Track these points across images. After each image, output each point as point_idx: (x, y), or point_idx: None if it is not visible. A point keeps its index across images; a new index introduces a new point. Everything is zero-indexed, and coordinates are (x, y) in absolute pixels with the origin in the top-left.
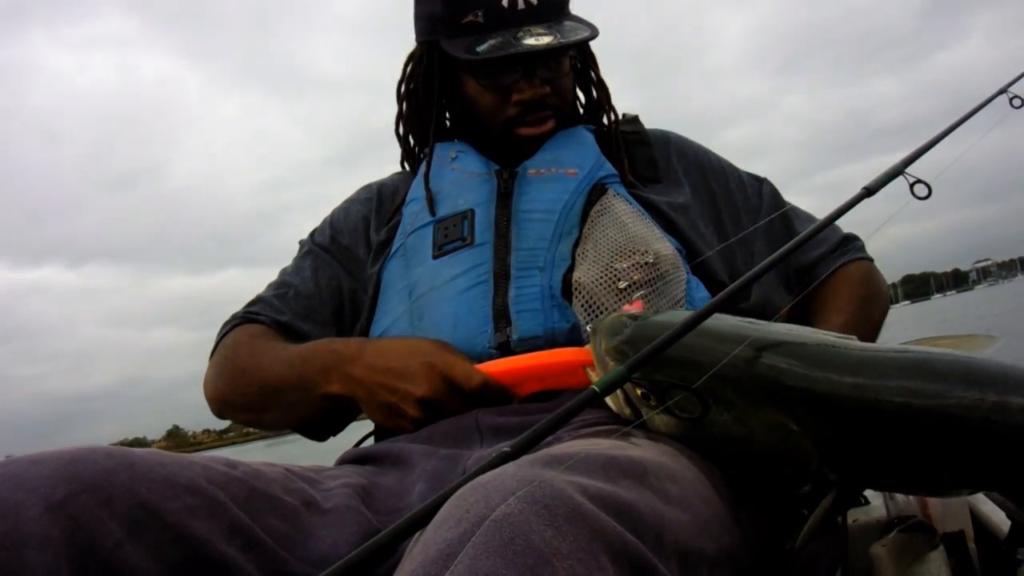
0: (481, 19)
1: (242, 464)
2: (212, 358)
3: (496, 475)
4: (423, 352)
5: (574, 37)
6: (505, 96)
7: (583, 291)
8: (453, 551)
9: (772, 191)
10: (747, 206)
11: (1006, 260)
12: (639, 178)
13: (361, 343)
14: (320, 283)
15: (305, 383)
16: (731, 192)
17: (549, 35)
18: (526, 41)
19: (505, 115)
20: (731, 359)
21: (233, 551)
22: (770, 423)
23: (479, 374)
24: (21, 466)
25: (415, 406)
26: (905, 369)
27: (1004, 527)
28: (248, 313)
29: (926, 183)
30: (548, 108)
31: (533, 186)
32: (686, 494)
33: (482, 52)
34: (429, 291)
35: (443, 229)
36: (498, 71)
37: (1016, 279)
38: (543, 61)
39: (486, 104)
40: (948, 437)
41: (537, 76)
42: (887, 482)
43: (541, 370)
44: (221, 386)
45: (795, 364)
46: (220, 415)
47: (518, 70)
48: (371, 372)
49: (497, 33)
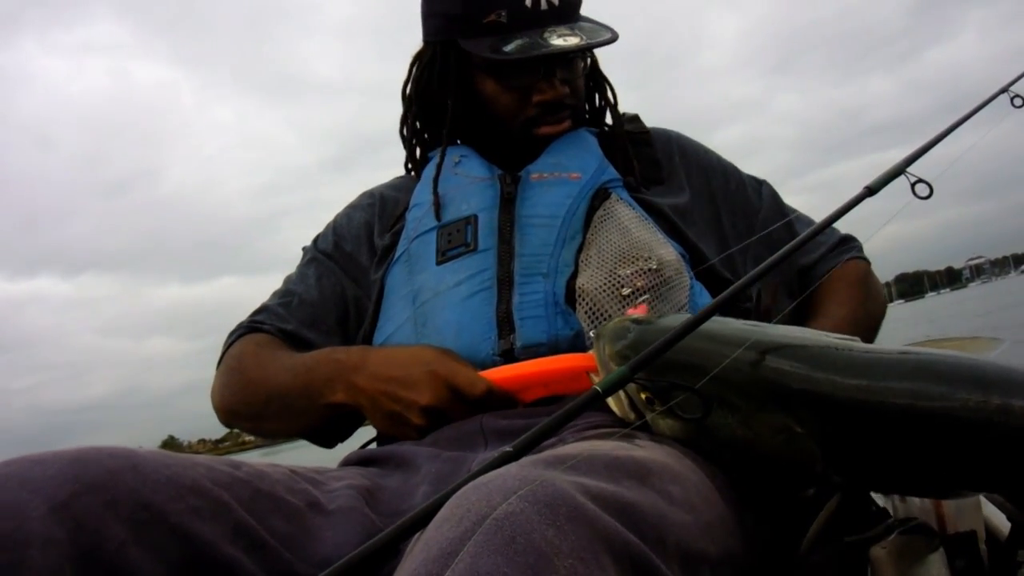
0: (504, 19)
1: (246, 465)
2: (219, 368)
3: (498, 475)
4: (426, 360)
5: (598, 38)
6: (525, 96)
7: (587, 298)
8: (454, 550)
9: (772, 193)
10: (747, 208)
11: (999, 257)
12: (643, 179)
13: (364, 351)
14: (324, 291)
15: (310, 393)
16: (731, 193)
17: (575, 36)
18: (553, 41)
19: (525, 115)
20: (735, 363)
21: (237, 552)
22: (774, 426)
23: (483, 381)
24: (25, 466)
25: (419, 415)
26: (909, 372)
27: (1005, 529)
28: (253, 322)
29: (927, 182)
30: (566, 109)
31: (536, 190)
32: (689, 496)
33: (510, 52)
34: (433, 298)
35: (446, 235)
36: (521, 71)
37: (1010, 276)
38: (562, 62)
39: (505, 104)
40: (951, 440)
41: (557, 77)
42: (890, 484)
43: (545, 376)
44: (228, 396)
45: (799, 367)
46: (228, 424)
47: (539, 71)
48: (375, 381)
49: (523, 33)
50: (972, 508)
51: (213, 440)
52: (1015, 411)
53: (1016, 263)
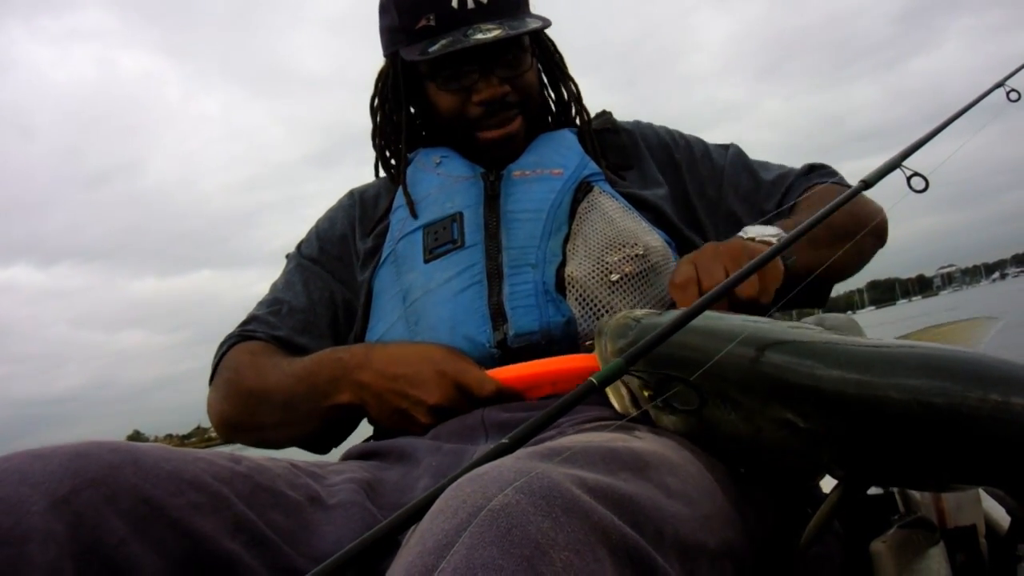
0: (433, 22)
1: (246, 459)
2: (213, 381)
3: (494, 466)
4: (434, 359)
5: (523, 28)
6: (465, 97)
7: (576, 285)
8: (450, 541)
9: (737, 152)
10: (712, 173)
11: (969, 266)
12: (612, 166)
13: (367, 348)
14: (313, 296)
15: (314, 395)
16: (696, 162)
17: (498, 29)
18: (475, 36)
19: (467, 116)
20: (736, 359)
21: (237, 547)
22: (777, 420)
23: (492, 381)
24: (25, 460)
25: (427, 413)
26: (911, 367)
27: (1004, 523)
28: (244, 331)
29: (923, 176)
30: (510, 107)
31: (520, 187)
32: (687, 488)
33: (433, 52)
34: (424, 295)
35: (433, 233)
36: (455, 72)
37: (980, 285)
38: (501, 60)
39: (447, 106)
40: (952, 434)
41: (495, 75)
42: (892, 478)
43: (553, 376)
44: (228, 408)
45: (800, 362)
46: (228, 439)
47: (475, 70)
48: (381, 378)
49: (448, 33)
50: (972, 502)
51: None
52: (1014, 408)
53: (987, 272)
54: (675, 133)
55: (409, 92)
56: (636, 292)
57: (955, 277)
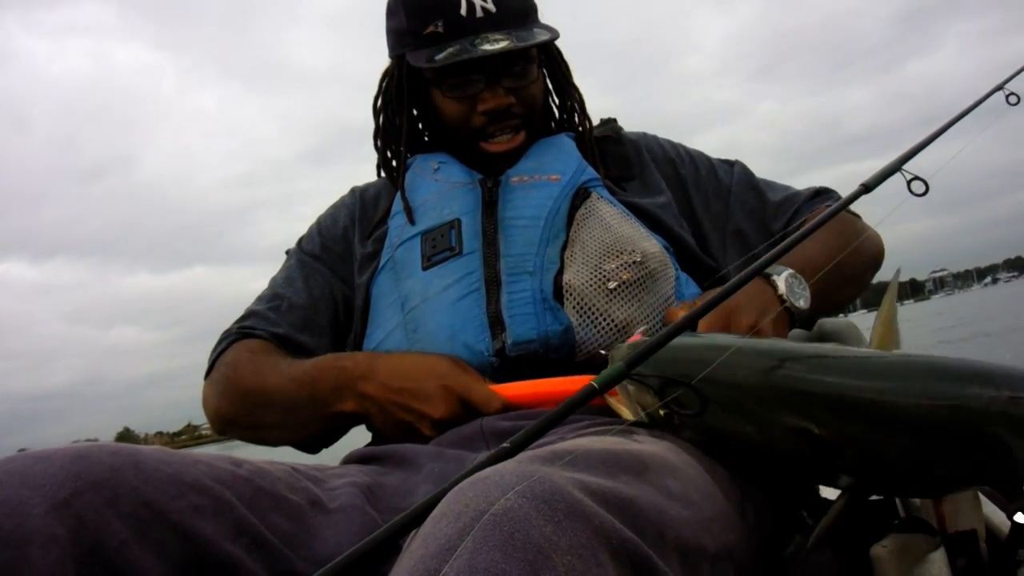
0: (441, 29)
1: (247, 462)
2: (210, 376)
3: (495, 471)
4: (440, 373)
5: (530, 40)
6: (471, 106)
7: (574, 293)
8: (453, 545)
9: (743, 169)
10: (719, 189)
11: (961, 271)
12: (613, 177)
13: (371, 358)
14: (314, 293)
15: (316, 402)
16: (702, 179)
17: (506, 40)
18: (483, 47)
19: (471, 126)
20: (751, 369)
21: (238, 550)
22: (791, 428)
23: (498, 399)
24: (26, 463)
25: (431, 427)
26: (919, 373)
27: (1005, 528)
28: (243, 328)
29: (923, 180)
30: (515, 118)
31: (517, 193)
32: (687, 490)
33: (440, 60)
34: (422, 303)
35: (431, 240)
36: (462, 80)
37: (972, 289)
38: (507, 69)
39: (452, 114)
40: (964, 434)
41: (501, 85)
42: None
43: (559, 396)
44: (224, 405)
45: (812, 372)
46: (222, 432)
47: (482, 79)
48: (385, 390)
49: (456, 41)
50: (972, 507)
51: (170, 433)
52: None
53: (979, 276)
54: (681, 148)
55: (413, 96)
56: (634, 299)
57: (947, 281)
